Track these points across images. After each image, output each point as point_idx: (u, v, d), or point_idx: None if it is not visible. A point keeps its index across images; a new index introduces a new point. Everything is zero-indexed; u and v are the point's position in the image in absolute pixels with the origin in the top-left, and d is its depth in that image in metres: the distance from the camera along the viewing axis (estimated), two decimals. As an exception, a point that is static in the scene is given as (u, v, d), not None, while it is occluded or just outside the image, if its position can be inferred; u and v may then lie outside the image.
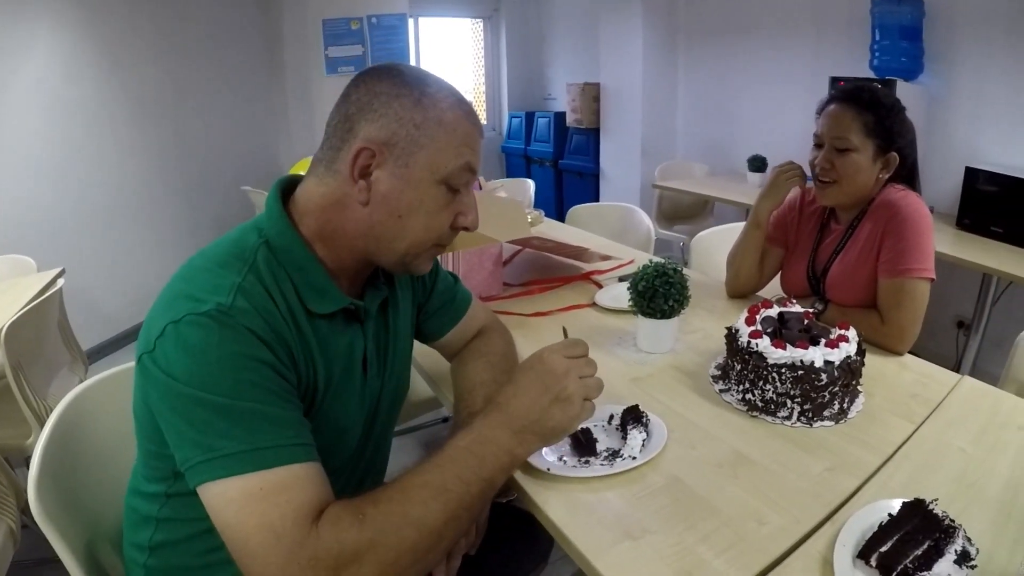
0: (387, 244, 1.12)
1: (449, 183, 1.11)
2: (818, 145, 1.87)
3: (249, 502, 0.88)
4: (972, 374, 1.62)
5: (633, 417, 1.34)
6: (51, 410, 1.33)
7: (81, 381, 1.41)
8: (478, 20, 7.38)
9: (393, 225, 1.10)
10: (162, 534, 1.11)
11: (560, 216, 3.79)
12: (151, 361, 0.94)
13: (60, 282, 2.63)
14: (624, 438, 1.32)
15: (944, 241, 3.14)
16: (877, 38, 3.94)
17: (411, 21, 6.24)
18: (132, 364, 1.40)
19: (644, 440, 1.30)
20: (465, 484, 0.99)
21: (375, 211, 1.09)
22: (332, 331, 1.13)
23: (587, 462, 1.26)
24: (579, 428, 1.26)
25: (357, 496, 0.95)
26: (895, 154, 1.81)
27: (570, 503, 1.16)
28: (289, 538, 0.86)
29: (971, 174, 3.44)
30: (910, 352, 1.75)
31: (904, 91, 3.67)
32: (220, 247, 1.07)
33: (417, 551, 0.93)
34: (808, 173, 2.02)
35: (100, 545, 1.28)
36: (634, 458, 1.25)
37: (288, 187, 1.16)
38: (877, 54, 3.95)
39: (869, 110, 1.79)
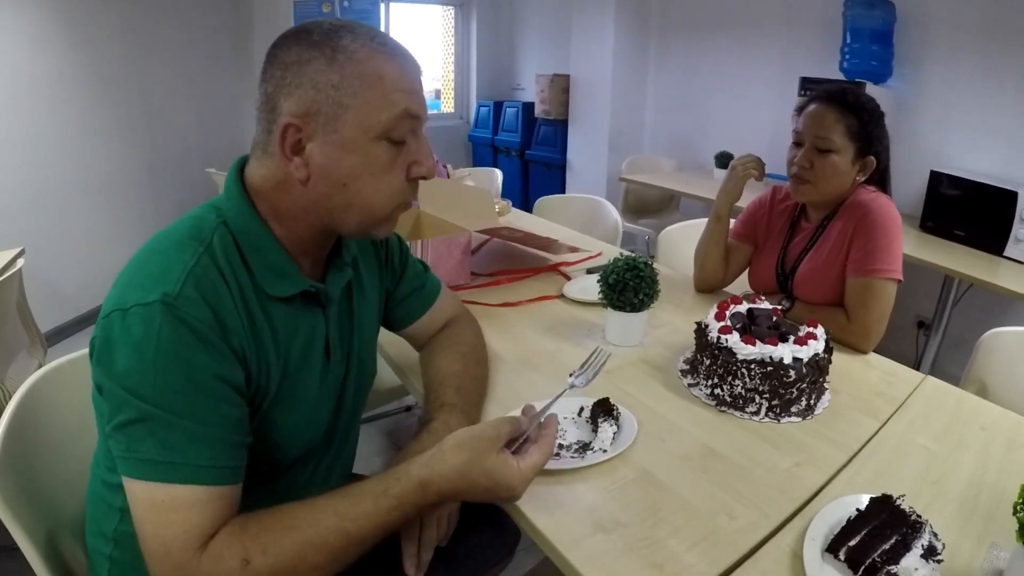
0: (340, 214, 1.07)
1: (390, 136, 1.03)
2: (797, 143, 1.88)
3: (151, 509, 0.89)
4: (932, 374, 1.64)
5: (604, 410, 1.33)
6: (9, 394, 1.30)
7: (40, 364, 1.37)
8: (449, 7, 7.31)
9: (340, 195, 1.04)
10: (127, 525, 1.03)
11: (526, 207, 3.78)
12: (93, 346, 0.94)
13: (20, 263, 2.55)
14: (595, 431, 1.31)
15: (907, 242, 3.15)
16: (848, 40, 3.98)
17: (382, 7, 6.19)
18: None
19: (615, 433, 1.30)
20: (362, 549, 0.97)
21: (318, 185, 1.03)
22: (290, 315, 1.10)
23: (558, 455, 1.26)
24: None
25: (254, 520, 0.94)
26: (872, 158, 1.83)
27: (541, 496, 1.15)
28: (175, 557, 0.88)
29: (935, 178, 3.50)
30: (874, 351, 1.77)
31: (873, 94, 3.66)
32: (178, 227, 1.04)
33: None
34: (769, 168, 2.05)
35: (61, 535, 1.25)
36: (605, 451, 1.25)
37: (246, 166, 1.11)
38: (847, 56, 3.99)
39: (853, 113, 1.80)
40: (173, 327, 0.91)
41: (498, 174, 4.45)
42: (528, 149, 6.76)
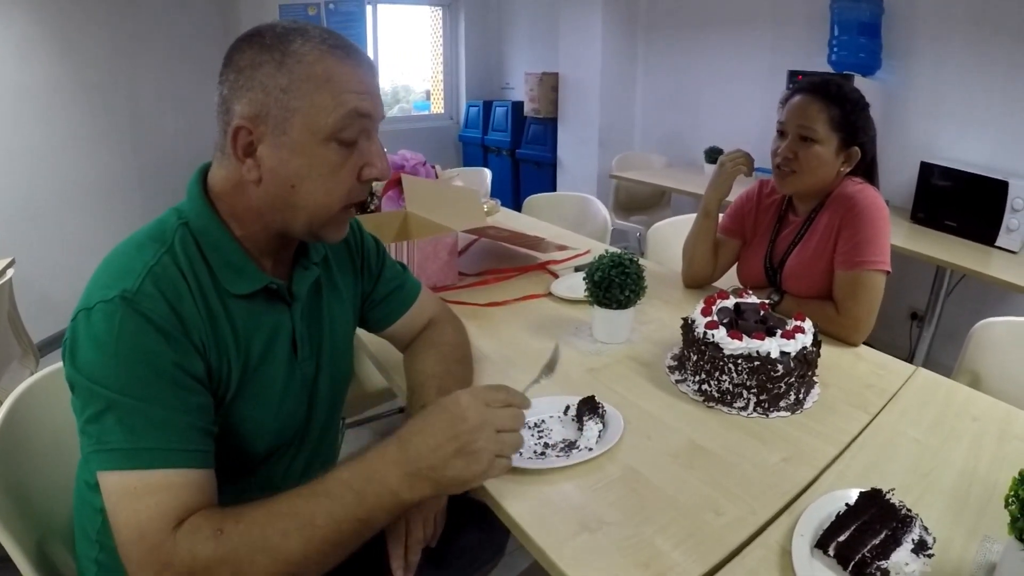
0: (290, 215, 1.08)
1: (339, 138, 1.04)
2: (781, 133, 1.87)
3: (123, 497, 0.91)
4: (925, 365, 1.63)
5: (589, 408, 1.32)
6: (0, 404, 1.29)
7: (32, 374, 1.36)
8: (437, 8, 7.28)
9: (289, 196, 1.06)
10: (107, 525, 1.07)
11: (517, 206, 3.77)
12: (64, 347, 0.98)
13: (10, 272, 2.54)
14: (580, 429, 1.30)
15: (899, 234, 3.17)
16: (836, 33, 3.98)
17: (369, 8, 6.17)
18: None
19: (600, 431, 1.28)
20: (336, 522, 0.93)
21: (269, 186, 1.05)
22: (252, 312, 1.11)
23: (543, 454, 1.24)
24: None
25: (231, 506, 0.94)
26: (857, 149, 1.82)
27: (526, 496, 1.14)
28: (150, 540, 0.88)
29: (926, 169, 3.49)
30: (865, 343, 1.76)
31: (861, 86, 3.67)
32: (142, 230, 1.09)
33: None
34: (758, 162, 2.03)
35: (52, 543, 1.25)
36: (590, 449, 1.24)
37: (210, 169, 1.15)
38: (835, 49, 3.98)
39: (836, 104, 1.79)
40: (133, 320, 0.94)
41: (487, 174, 4.43)
42: (518, 148, 6.75)
